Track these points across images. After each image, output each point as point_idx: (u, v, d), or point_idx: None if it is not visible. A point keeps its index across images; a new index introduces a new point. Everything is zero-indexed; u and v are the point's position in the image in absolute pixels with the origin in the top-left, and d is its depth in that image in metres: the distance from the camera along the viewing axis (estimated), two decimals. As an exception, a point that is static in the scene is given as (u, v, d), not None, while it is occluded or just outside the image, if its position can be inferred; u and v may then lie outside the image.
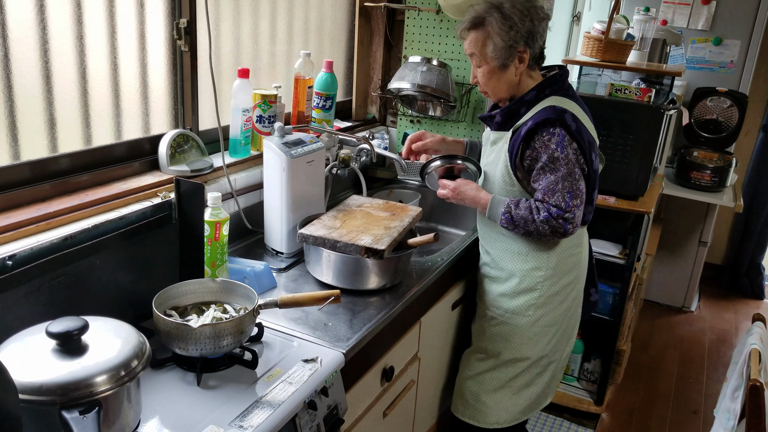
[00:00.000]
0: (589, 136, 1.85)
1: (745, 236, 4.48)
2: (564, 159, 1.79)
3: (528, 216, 1.82)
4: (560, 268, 1.98)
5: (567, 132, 1.79)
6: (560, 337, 2.06)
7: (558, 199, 1.79)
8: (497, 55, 1.82)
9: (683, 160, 3.76)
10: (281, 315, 1.62)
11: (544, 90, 1.88)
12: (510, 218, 1.85)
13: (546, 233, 1.82)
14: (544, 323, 2.00)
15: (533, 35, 1.82)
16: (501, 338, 2.04)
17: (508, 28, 1.79)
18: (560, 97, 1.87)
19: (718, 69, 3.94)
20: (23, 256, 1.26)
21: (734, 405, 2.02)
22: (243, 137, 1.99)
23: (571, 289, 2.03)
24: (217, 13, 1.96)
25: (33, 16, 1.46)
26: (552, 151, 1.79)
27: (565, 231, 1.81)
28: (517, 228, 1.85)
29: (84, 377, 1.03)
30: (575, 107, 1.86)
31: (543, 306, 1.99)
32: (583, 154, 1.83)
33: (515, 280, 1.98)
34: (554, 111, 1.81)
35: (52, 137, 1.56)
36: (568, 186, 1.79)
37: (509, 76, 1.86)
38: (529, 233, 1.85)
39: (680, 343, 3.90)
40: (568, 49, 3.76)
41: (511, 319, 2.01)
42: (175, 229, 1.61)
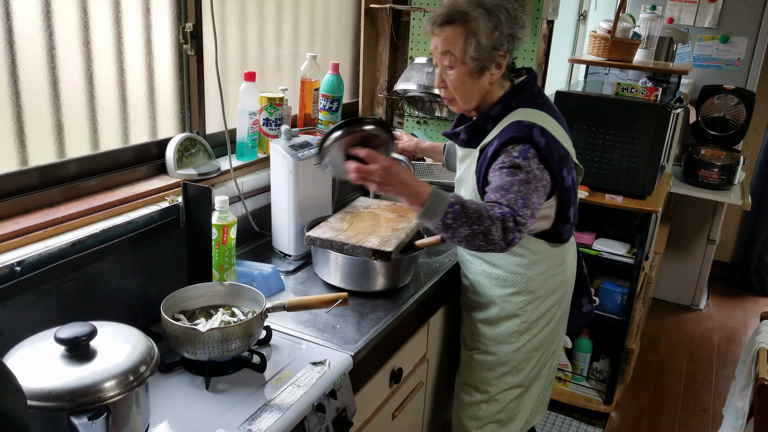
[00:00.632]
0: (561, 150, 1.67)
1: (754, 234, 4.46)
2: (525, 168, 1.59)
3: (482, 209, 1.51)
4: (542, 290, 1.82)
5: (535, 149, 1.62)
6: (545, 357, 1.93)
7: (511, 198, 1.55)
8: (479, 55, 1.64)
9: (691, 159, 3.74)
10: (289, 318, 1.62)
11: (510, 102, 1.72)
12: (461, 211, 1.50)
13: (495, 237, 1.50)
14: (529, 348, 1.86)
15: (514, 41, 1.69)
16: (486, 368, 1.89)
17: (494, 27, 1.63)
18: (528, 109, 1.70)
19: (725, 66, 3.92)
20: (32, 262, 1.27)
21: (743, 403, 2.01)
22: (250, 140, 2.00)
23: (556, 309, 1.88)
24: (222, 17, 1.96)
25: (40, 23, 1.46)
26: (513, 158, 1.60)
27: (513, 239, 1.52)
28: (463, 225, 1.50)
29: (92, 383, 1.04)
30: (545, 118, 1.69)
31: (527, 332, 1.84)
32: (551, 172, 1.65)
33: (496, 307, 1.83)
34: (520, 127, 1.63)
35: (60, 142, 1.57)
36: (524, 192, 1.56)
37: (483, 82, 1.69)
38: (473, 236, 1.50)
39: (689, 341, 3.88)
40: (574, 48, 3.75)
41: (494, 347, 1.87)
42: (182, 233, 1.62)
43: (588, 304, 2.06)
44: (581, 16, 3.70)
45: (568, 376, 3.11)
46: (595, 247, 2.87)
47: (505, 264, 1.80)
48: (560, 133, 1.71)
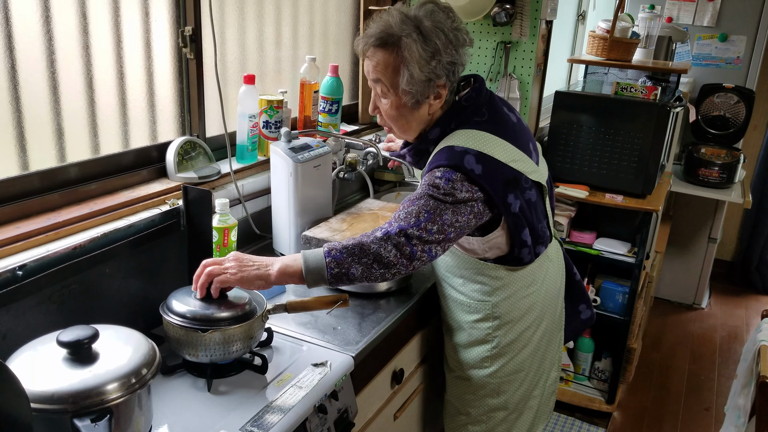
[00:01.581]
0: (506, 174, 1.50)
1: (755, 232, 4.46)
2: (444, 189, 1.44)
3: (360, 239, 1.41)
4: (511, 315, 1.69)
5: (464, 175, 1.46)
6: (534, 376, 1.81)
7: (411, 212, 1.43)
8: (412, 89, 1.47)
9: (691, 157, 3.75)
10: (290, 319, 1.62)
11: (449, 124, 1.55)
12: (339, 254, 1.39)
13: (390, 257, 1.39)
14: (506, 372, 1.74)
15: (455, 68, 1.50)
16: (466, 391, 1.80)
17: (430, 57, 1.44)
18: (467, 131, 1.52)
19: (724, 65, 3.92)
20: (33, 266, 1.28)
21: (744, 402, 2.01)
22: (250, 143, 2.00)
23: (533, 331, 1.74)
24: (222, 20, 1.97)
25: (39, 27, 1.47)
26: (434, 178, 1.45)
27: (413, 254, 1.40)
28: (351, 265, 1.38)
29: (95, 385, 1.04)
30: (487, 139, 1.51)
31: (500, 356, 1.72)
32: (488, 197, 1.49)
33: (465, 333, 1.74)
34: (451, 155, 1.47)
35: (60, 147, 1.58)
36: (431, 207, 1.43)
37: (422, 114, 1.54)
38: (368, 269, 1.39)
39: (691, 340, 3.88)
40: (573, 48, 3.75)
41: (470, 371, 1.77)
42: (183, 236, 1.62)
43: (587, 310, 1.96)
44: (580, 16, 3.70)
45: (570, 375, 3.11)
46: (595, 247, 2.87)
47: (466, 290, 1.70)
48: (508, 154, 1.52)
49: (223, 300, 1.39)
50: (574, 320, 1.95)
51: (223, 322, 1.33)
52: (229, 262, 1.39)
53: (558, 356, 1.94)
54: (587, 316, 1.96)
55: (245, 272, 1.38)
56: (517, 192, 1.53)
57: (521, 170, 1.54)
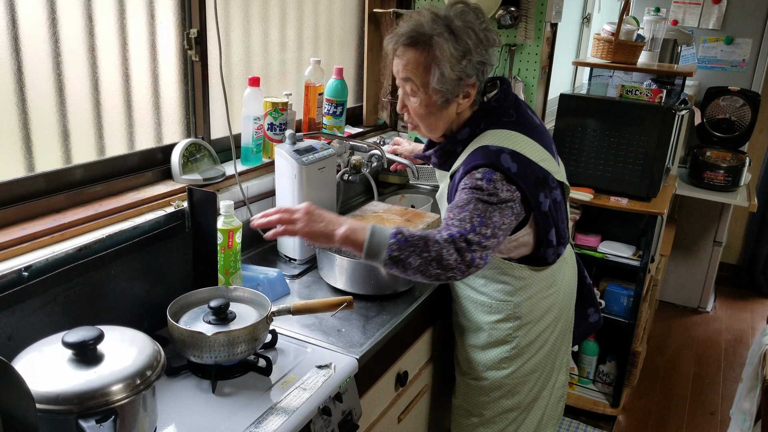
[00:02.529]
0: (537, 173, 1.53)
1: (761, 235, 4.44)
2: (488, 189, 1.45)
3: (428, 235, 1.40)
4: (532, 315, 1.71)
5: (502, 174, 1.48)
6: (545, 377, 1.83)
7: (465, 217, 1.42)
8: (443, 87, 1.49)
9: (696, 160, 3.74)
10: (295, 321, 1.62)
11: (479, 124, 1.57)
12: (404, 240, 1.38)
13: (450, 260, 1.38)
14: (522, 372, 1.76)
15: (485, 67, 1.53)
16: (480, 392, 1.81)
17: (461, 56, 1.46)
18: (498, 131, 1.55)
19: (729, 68, 3.91)
20: (39, 267, 1.28)
21: (750, 405, 2.01)
22: (254, 145, 2.01)
23: (551, 332, 1.77)
24: (227, 23, 1.98)
25: (45, 30, 1.48)
26: (476, 180, 1.47)
27: (472, 261, 1.39)
28: (412, 255, 1.37)
29: (100, 386, 1.05)
30: (518, 139, 1.54)
31: (519, 357, 1.74)
32: (524, 197, 1.51)
33: (484, 334, 1.74)
34: (487, 155, 1.49)
35: (66, 148, 1.58)
36: (481, 210, 1.43)
37: (450, 112, 1.56)
38: (426, 264, 1.38)
39: (696, 343, 3.87)
40: (578, 50, 3.75)
41: (486, 373, 1.77)
42: (188, 238, 1.63)
43: (595, 314, 1.98)
44: (585, 18, 3.70)
45: (575, 379, 3.10)
46: (600, 250, 2.86)
47: (489, 291, 1.71)
48: (537, 153, 1.56)
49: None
50: (583, 323, 1.96)
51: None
52: (300, 213, 1.43)
53: (566, 359, 1.95)
54: (595, 319, 1.98)
55: (312, 227, 1.42)
56: (546, 191, 1.56)
57: (549, 170, 1.57)
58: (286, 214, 1.43)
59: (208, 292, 1.51)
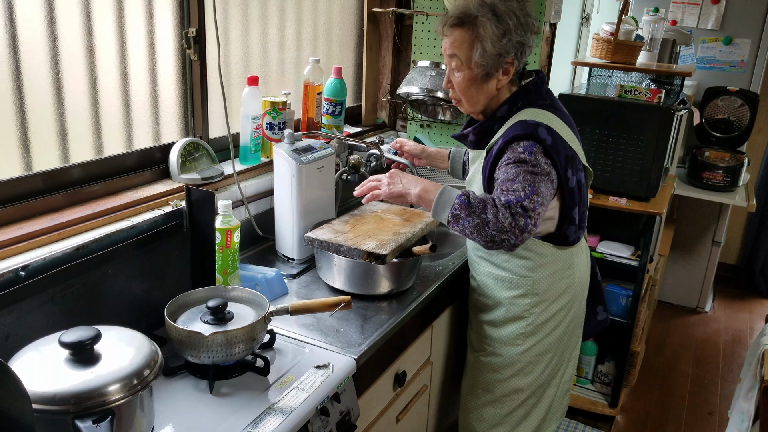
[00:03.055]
0: (567, 150, 1.67)
1: (759, 235, 4.44)
2: (531, 161, 1.59)
3: (487, 199, 1.55)
4: (549, 293, 1.80)
5: (540, 145, 1.62)
6: (557, 362, 1.91)
7: (518, 187, 1.56)
8: (484, 62, 1.65)
9: (695, 160, 3.74)
10: (293, 321, 1.62)
11: (516, 103, 1.72)
12: (467, 201, 1.55)
13: (505, 223, 1.51)
14: (536, 352, 1.84)
15: (524, 48, 1.68)
16: (492, 370, 1.89)
17: (501, 34, 1.62)
18: (535, 109, 1.69)
19: (728, 68, 3.91)
20: (36, 267, 1.28)
21: (748, 406, 2.00)
22: (253, 144, 2.00)
23: (565, 313, 1.85)
24: (225, 22, 1.97)
25: (43, 29, 1.47)
26: (518, 154, 1.60)
27: (525, 226, 1.52)
28: (471, 215, 1.54)
29: (97, 386, 1.04)
30: (552, 118, 1.69)
31: (533, 334, 1.83)
32: (556, 170, 1.64)
33: (502, 309, 1.83)
34: (525, 126, 1.63)
35: (64, 148, 1.58)
36: (530, 180, 1.57)
37: (490, 87, 1.70)
38: (483, 225, 1.53)
39: (695, 344, 3.87)
40: (577, 50, 3.75)
41: (500, 349, 1.86)
42: (186, 237, 1.62)
43: (603, 312, 2.05)
44: (584, 18, 3.70)
45: (574, 379, 3.10)
46: (599, 250, 2.86)
47: (511, 266, 1.80)
48: (567, 134, 1.70)
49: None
50: (592, 320, 2.04)
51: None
52: (386, 177, 1.73)
53: (576, 353, 2.01)
54: (602, 318, 2.06)
55: (392, 189, 1.70)
56: (573, 169, 1.69)
57: (576, 151, 1.72)
58: (376, 181, 1.74)
59: (206, 292, 1.50)
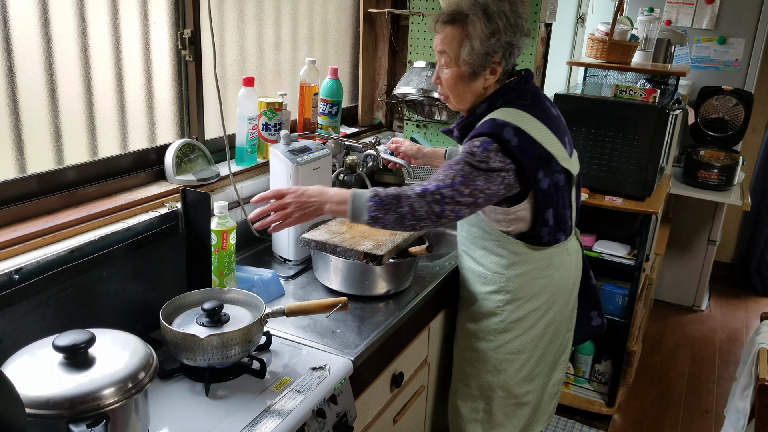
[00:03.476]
0: (539, 151, 1.64)
1: (755, 234, 4.45)
2: (478, 157, 1.59)
3: (400, 192, 1.56)
4: (523, 291, 1.79)
5: (500, 145, 1.61)
6: (534, 365, 1.88)
7: (445, 176, 1.58)
8: (471, 60, 1.66)
9: (690, 160, 3.74)
10: (289, 323, 1.62)
11: (496, 101, 1.71)
12: (379, 201, 1.55)
13: (421, 211, 1.54)
14: (509, 350, 1.84)
15: (512, 49, 1.68)
16: (468, 364, 1.92)
17: (490, 34, 1.63)
18: (510, 109, 1.67)
19: (723, 68, 3.92)
20: (30, 269, 1.27)
21: (744, 404, 2.01)
22: (249, 145, 2.00)
23: (541, 314, 1.83)
24: (221, 23, 1.97)
25: (37, 30, 1.47)
26: (471, 147, 1.61)
27: (441, 212, 1.55)
28: (388, 212, 1.55)
29: (91, 390, 1.04)
30: (526, 118, 1.66)
31: (506, 332, 1.83)
32: (520, 169, 1.62)
33: (477, 304, 1.86)
34: (493, 125, 1.63)
35: (58, 149, 1.57)
36: (466, 172, 1.57)
37: (477, 86, 1.71)
38: (401, 218, 1.55)
39: (691, 342, 3.88)
40: (573, 50, 3.75)
41: (475, 343, 1.88)
42: (182, 239, 1.62)
43: (598, 318, 2.03)
44: (579, 18, 3.70)
45: (570, 378, 3.10)
46: (595, 249, 2.86)
47: (486, 262, 1.82)
48: (544, 136, 1.67)
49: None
50: (585, 325, 2.02)
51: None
52: (291, 205, 1.58)
53: (564, 357, 1.99)
54: (598, 323, 2.03)
55: (304, 213, 1.60)
56: (547, 170, 1.67)
57: (553, 153, 1.68)
58: (279, 209, 1.59)
59: (202, 294, 1.50)
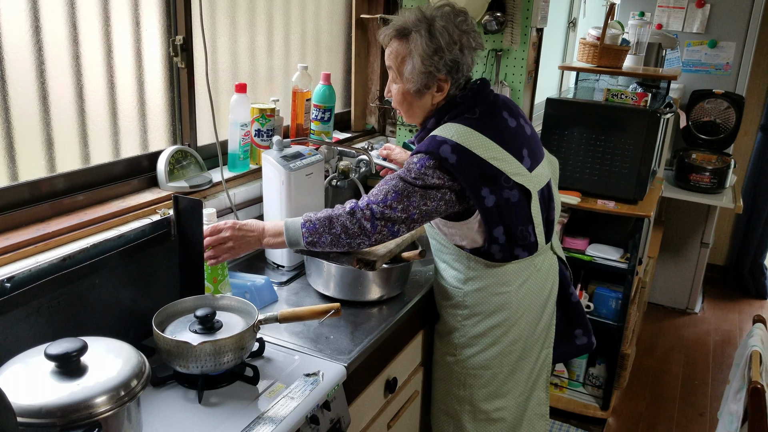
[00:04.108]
0: (483, 168, 1.58)
1: (747, 237, 4.47)
2: (414, 174, 1.57)
3: (330, 213, 1.58)
4: (481, 308, 1.75)
5: (436, 161, 1.57)
6: (502, 381, 1.81)
7: (377, 192, 1.58)
8: (414, 78, 1.62)
9: (682, 163, 3.76)
10: (282, 329, 1.62)
11: (442, 116, 1.67)
12: (312, 226, 1.58)
13: (353, 228, 1.55)
14: (472, 365, 1.80)
15: (458, 66, 1.62)
16: (438, 377, 1.91)
17: (432, 52, 1.58)
18: (455, 124, 1.61)
19: (714, 71, 3.95)
20: (22, 278, 1.27)
21: (737, 407, 2.01)
22: (242, 151, 2.00)
23: (503, 331, 1.76)
24: (213, 29, 1.97)
25: (29, 38, 1.47)
26: (409, 164, 1.59)
27: (373, 229, 1.56)
28: (322, 235, 1.57)
29: (83, 398, 1.03)
30: (469, 134, 1.59)
31: (467, 346, 1.79)
32: (461, 189, 1.59)
33: (441, 318, 1.85)
34: (431, 142, 1.58)
35: (50, 157, 1.57)
36: (400, 188, 1.57)
37: (425, 102, 1.67)
38: (337, 238, 1.57)
39: (685, 345, 3.89)
40: (564, 55, 3.77)
41: (442, 357, 1.87)
42: (174, 246, 1.61)
43: (583, 337, 1.96)
44: (570, 23, 3.72)
45: (565, 382, 3.11)
46: (588, 253, 2.87)
47: (447, 276, 1.80)
48: (489, 152, 1.60)
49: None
50: (568, 343, 1.95)
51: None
52: (229, 240, 1.61)
53: (545, 376, 1.93)
54: (583, 342, 1.96)
55: (242, 247, 1.63)
56: (493, 188, 1.61)
57: (502, 169, 1.61)
58: (217, 243, 1.62)
59: (194, 301, 1.50)
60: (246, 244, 1.63)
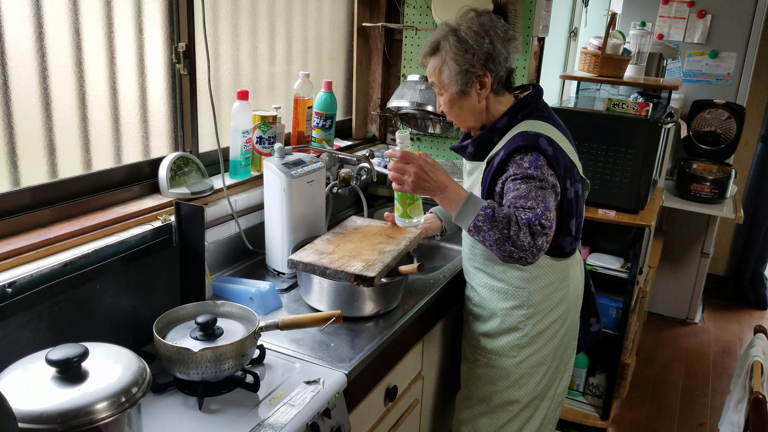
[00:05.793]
0: (566, 162, 1.69)
1: (747, 247, 4.47)
2: (538, 176, 1.61)
3: (511, 214, 1.56)
4: (544, 305, 1.80)
5: (544, 156, 1.63)
6: (552, 375, 1.89)
7: (533, 204, 1.57)
8: (454, 80, 1.69)
9: (683, 173, 3.76)
10: (283, 336, 1.61)
11: (515, 115, 1.73)
12: (491, 215, 1.55)
13: (525, 242, 1.54)
14: (531, 363, 1.84)
15: (493, 57, 1.68)
16: (487, 381, 1.88)
17: (464, 52, 1.66)
18: (534, 121, 1.71)
19: (715, 81, 3.96)
20: (23, 283, 1.27)
21: (738, 417, 2.01)
22: (243, 158, 2.00)
23: (560, 325, 1.84)
24: (215, 36, 1.98)
25: (32, 44, 1.47)
26: (525, 169, 1.62)
27: (541, 245, 1.55)
28: (493, 229, 1.55)
29: (84, 404, 1.03)
30: (552, 130, 1.71)
31: (528, 346, 1.82)
32: (558, 181, 1.66)
33: (497, 320, 1.83)
34: (527, 137, 1.65)
35: (52, 163, 1.57)
36: (542, 197, 1.59)
37: (472, 102, 1.72)
38: (503, 241, 1.55)
39: (685, 355, 3.88)
40: (565, 64, 3.78)
41: (495, 360, 1.85)
42: (175, 253, 1.62)
43: (596, 324, 2.04)
44: (572, 33, 3.73)
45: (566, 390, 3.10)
46: (589, 262, 2.87)
47: (507, 277, 1.80)
48: (566, 146, 1.73)
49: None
50: (586, 332, 2.03)
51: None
52: (411, 175, 1.65)
53: (570, 365, 2.00)
54: (596, 329, 2.05)
55: (418, 187, 1.66)
56: (571, 180, 1.71)
57: (575, 162, 1.75)
58: (399, 173, 1.66)
59: (195, 308, 1.49)
60: (422, 189, 1.66)
